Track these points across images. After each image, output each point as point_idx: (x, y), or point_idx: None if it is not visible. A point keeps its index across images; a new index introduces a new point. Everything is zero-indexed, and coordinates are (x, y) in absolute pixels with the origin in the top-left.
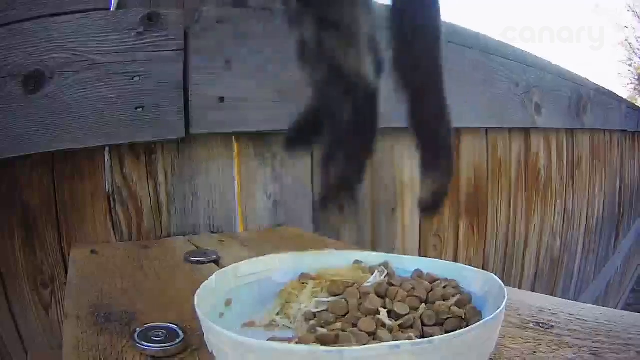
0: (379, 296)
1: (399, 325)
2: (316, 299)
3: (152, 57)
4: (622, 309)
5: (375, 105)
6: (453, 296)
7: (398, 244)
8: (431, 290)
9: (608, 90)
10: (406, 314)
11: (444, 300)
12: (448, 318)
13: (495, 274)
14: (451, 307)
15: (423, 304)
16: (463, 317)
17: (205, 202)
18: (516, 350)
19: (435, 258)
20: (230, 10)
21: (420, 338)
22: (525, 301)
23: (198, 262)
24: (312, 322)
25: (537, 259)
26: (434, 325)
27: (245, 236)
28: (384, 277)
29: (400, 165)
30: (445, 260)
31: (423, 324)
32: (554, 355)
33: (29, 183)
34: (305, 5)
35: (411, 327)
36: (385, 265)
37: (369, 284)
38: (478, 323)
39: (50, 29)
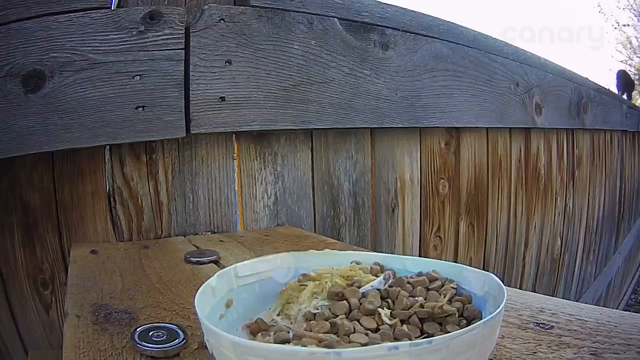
0: (379, 296)
1: (398, 325)
2: (316, 299)
3: (153, 56)
4: (623, 310)
5: None
6: (453, 297)
7: (398, 244)
8: (431, 291)
9: (608, 90)
10: (406, 314)
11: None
12: (447, 318)
13: (495, 274)
14: (450, 307)
15: (422, 305)
16: (462, 317)
17: (206, 201)
18: (516, 351)
19: (435, 258)
20: (232, 9)
21: (419, 338)
22: (526, 301)
23: (198, 262)
24: (312, 322)
25: (538, 259)
26: (433, 325)
27: (245, 236)
28: (388, 284)
29: (401, 165)
30: (445, 260)
31: (422, 324)
32: (554, 355)
33: (29, 183)
34: None
35: (410, 327)
36: (392, 271)
37: (371, 288)
38: (477, 323)
39: (51, 28)
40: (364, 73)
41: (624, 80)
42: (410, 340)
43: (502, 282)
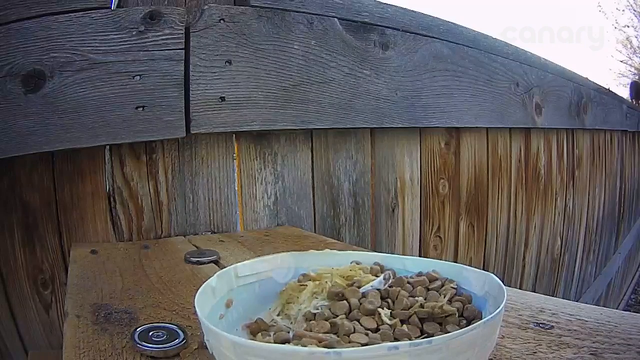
0: (379, 296)
1: (398, 325)
2: (316, 299)
3: (153, 56)
4: (623, 310)
5: None
6: (453, 297)
7: (398, 244)
8: (431, 291)
9: (608, 90)
10: (406, 314)
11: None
12: (447, 318)
13: (495, 274)
14: (450, 307)
15: (422, 305)
16: (462, 317)
17: (206, 201)
18: (516, 351)
19: (435, 258)
20: (232, 9)
21: (419, 338)
22: (526, 301)
23: (198, 262)
24: (312, 322)
25: (538, 259)
26: (433, 325)
27: (245, 236)
28: (388, 284)
29: (400, 165)
30: (445, 260)
31: (422, 324)
32: (554, 355)
33: (29, 183)
34: None
35: (410, 327)
36: (392, 271)
37: (371, 288)
38: (477, 323)
39: (51, 28)
40: (364, 73)
41: (637, 90)
42: (410, 340)
43: (502, 282)
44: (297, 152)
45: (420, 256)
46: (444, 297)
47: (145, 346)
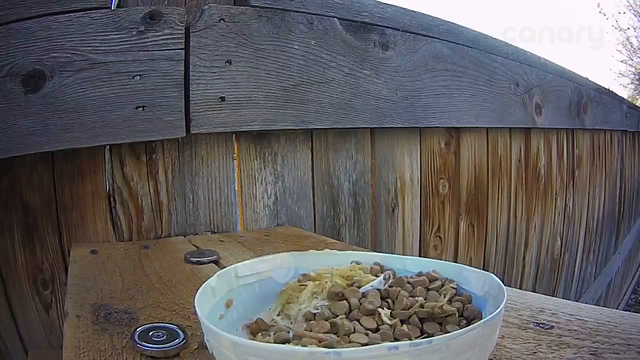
0: (379, 296)
1: (398, 325)
2: (316, 299)
3: (153, 56)
4: (623, 310)
5: None
6: (453, 297)
7: (398, 244)
8: (431, 291)
9: (608, 90)
10: (406, 314)
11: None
12: (447, 318)
13: (495, 274)
14: (450, 307)
15: (422, 305)
16: (462, 316)
17: (206, 202)
18: (516, 351)
19: (435, 258)
20: (232, 9)
21: (419, 338)
22: (526, 301)
23: (198, 262)
24: (312, 322)
25: (538, 259)
26: (433, 325)
27: (245, 236)
28: (388, 284)
29: (400, 165)
30: (445, 260)
31: (422, 324)
32: (554, 355)
33: (29, 183)
34: None
35: (410, 327)
36: (392, 271)
37: (371, 288)
38: (477, 323)
39: (51, 28)
40: (364, 73)
41: None
42: (410, 340)
43: (502, 282)
44: (297, 152)
45: (420, 256)
46: (444, 297)
47: (145, 346)
